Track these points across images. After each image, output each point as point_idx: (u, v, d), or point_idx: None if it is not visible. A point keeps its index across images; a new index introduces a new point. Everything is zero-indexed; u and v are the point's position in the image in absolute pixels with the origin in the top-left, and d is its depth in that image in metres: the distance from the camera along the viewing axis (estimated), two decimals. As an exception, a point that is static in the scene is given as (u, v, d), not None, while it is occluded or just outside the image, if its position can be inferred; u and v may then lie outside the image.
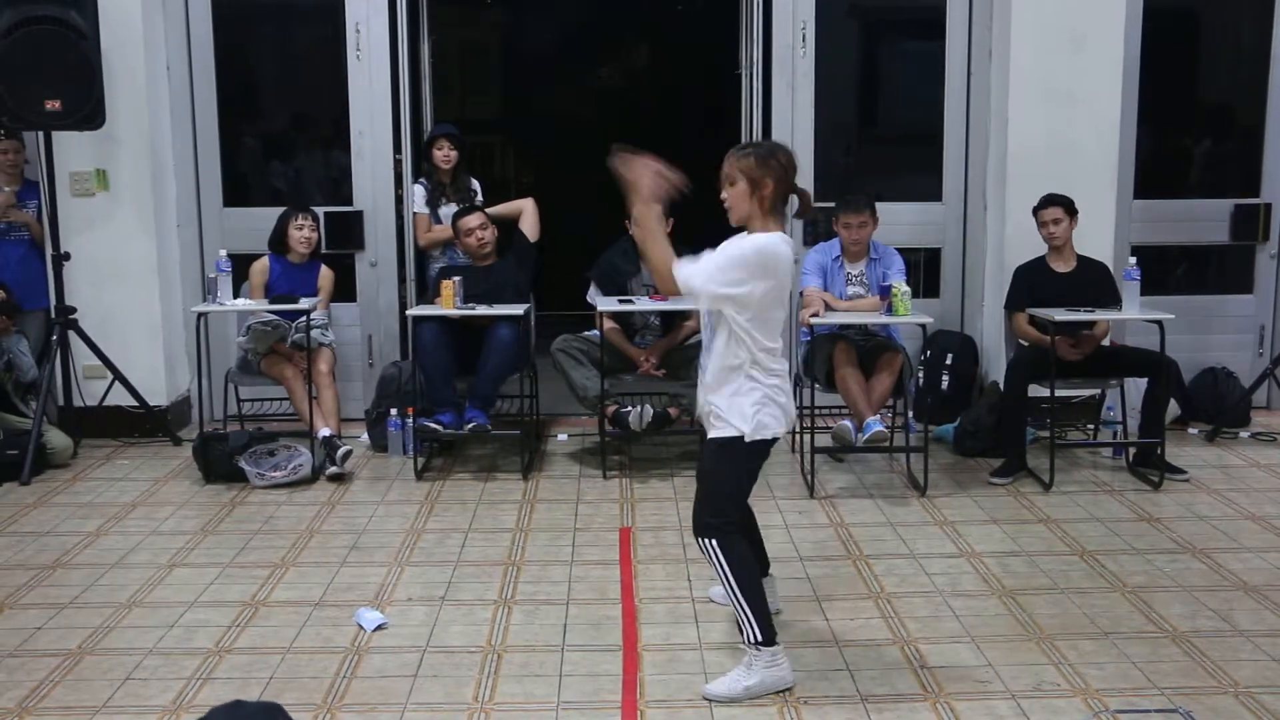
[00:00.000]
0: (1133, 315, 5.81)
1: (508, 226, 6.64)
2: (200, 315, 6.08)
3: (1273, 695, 3.57)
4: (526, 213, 6.67)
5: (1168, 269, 7.35)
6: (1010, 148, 6.60)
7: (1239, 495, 5.59)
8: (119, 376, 6.45)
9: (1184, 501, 5.50)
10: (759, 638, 3.58)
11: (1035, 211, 6.01)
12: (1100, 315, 5.84)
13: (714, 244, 3.64)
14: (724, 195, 3.69)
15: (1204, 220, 7.19)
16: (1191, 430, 6.77)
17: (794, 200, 3.76)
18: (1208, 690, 3.60)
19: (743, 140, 7.18)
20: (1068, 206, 5.91)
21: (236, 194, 7.15)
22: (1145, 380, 5.95)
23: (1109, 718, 3.43)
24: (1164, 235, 7.10)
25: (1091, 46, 6.50)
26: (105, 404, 6.51)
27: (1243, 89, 7.33)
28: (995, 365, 6.68)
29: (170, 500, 5.65)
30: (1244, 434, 6.67)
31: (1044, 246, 6.05)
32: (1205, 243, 7.30)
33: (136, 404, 6.55)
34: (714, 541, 3.61)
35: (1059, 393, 5.87)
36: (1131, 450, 6.06)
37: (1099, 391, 6.46)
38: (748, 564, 3.65)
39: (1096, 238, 6.33)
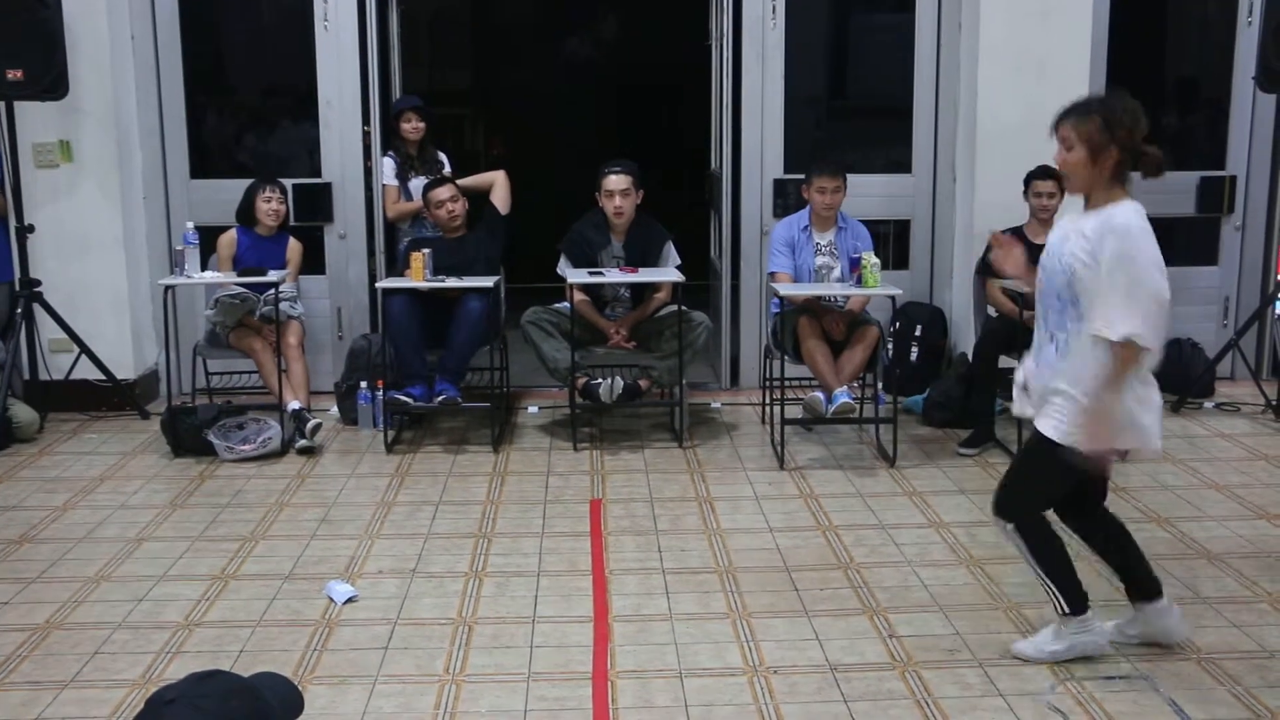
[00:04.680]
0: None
1: (478, 199, 6.62)
2: (167, 288, 6.03)
3: (1234, 660, 3.62)
4: (498, 185, 6.64)
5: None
6: (980, 120, 6.62)
7: (1203, 465, 5.65)
8: (85, 350, 6.40)
9: (1149, 471, 5.55)
10: (1065, 608, 3.56)
11: (1028, 181, 6.02)
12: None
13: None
14: (1059, 160, 3.44)
15: (1170, 193, 7.21)
16: (1157, 401, 6.82)
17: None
18: (1171, 657, 3.65)
19: (715, 110, 7.19)
20: (1060, 180, 5.93)
21: (203, 165, 7.07)
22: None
23: (1075, 685, 3.48)
24: (1131, 208, 7.13)
25: (1060, 19, 6.51)
26: (72, 378, 6.47)
27: (1208, 62, 7.37)
28: (964, 337, 6.71)
29: (138, 474, 5.62)
30: (1209, 404, 6.74)
31: (1012, 219, 6.07)
32: (1172, 215, 7.33)
33: (104, 378, 6.51)
34: (1012, 526, 3.54)
35: (1027, 364, 5.89)
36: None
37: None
38: (1045, 537, 3.55)
39: (1071, 205, 6.35)
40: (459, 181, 6.54)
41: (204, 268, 6.17)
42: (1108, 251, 3.29)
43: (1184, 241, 7.51)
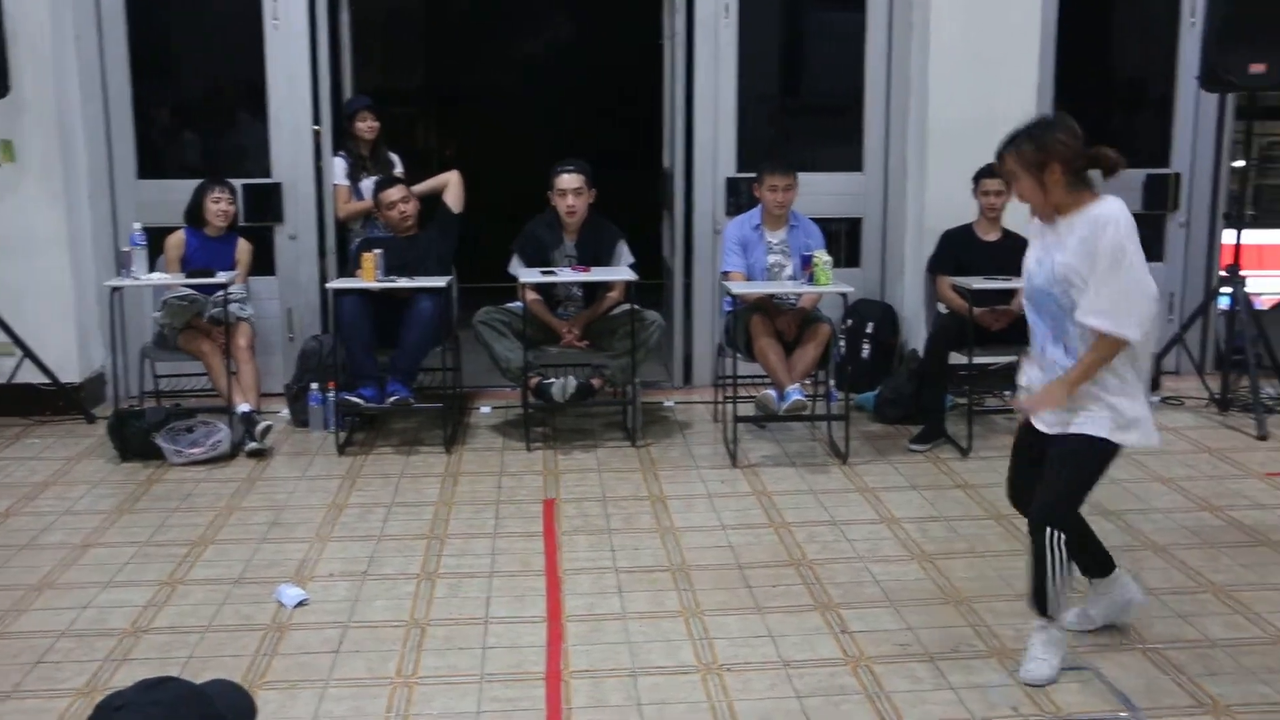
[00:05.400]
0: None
1: (431, 199, 6.59)
2: (114, 290, 5.95)
3: (1178, 650, 3.67)
4: (451, 185, 6.62)
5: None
6: (930, 118, 6.67)
7: (1149, 458, 5.72)
8: (28, 353, 6.31)
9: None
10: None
11: (976, 179, 6.07)
12: (1017, 283, 5.91)
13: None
14: (1016, 194, 3.53)
15: (1117, 190, 7.14)
16: (1105, 396, 6.90)
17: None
18: (1116, 648, 3.70)
19: (667, 109, 7.20)
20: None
21: (151, 165, 6.98)
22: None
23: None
24: (1080, 205, 7.20)
25: (1009, 19, 6.57)
26: (14, 381, 6.37)
27: (1153, 62, 7.46)
28: (915, 334, 6.76)
29: (84, 479, 5.55)
30: (1154, 399, 6.81)
31: (963, 217, 6.13)
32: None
33: (48, 381, 6.41)
34: (1063, 536, 3.45)
35: (977, 360, 5.95)
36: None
37: (1017, 359, 6.55)
38: (1075, 550, 3.53)
39: (1017, 207, 6.40)
40: (415, 187, 6.51)
41: (151, 269, 6.10)
42: (1104, 243, 3.35)
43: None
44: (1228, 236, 6.74)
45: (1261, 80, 6.09)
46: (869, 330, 6.98)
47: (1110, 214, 3.39)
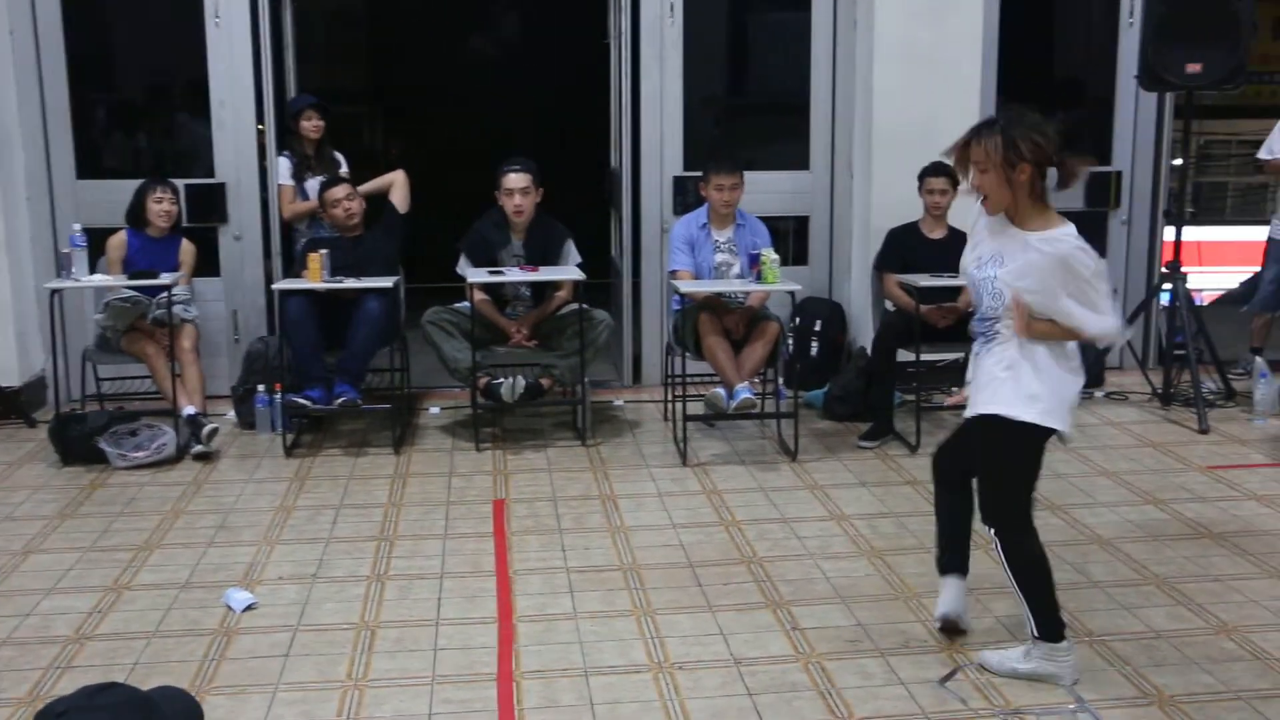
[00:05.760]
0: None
1: (377, 198, 6.55)
2: (54, 292, 5.86)
3: (1123, 641, 3.73)
4: (397, 185, 6.59)
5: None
6: (876, 117, 6.71)
7: (1094, 453, 5.80)
8: (-33, 357, 6.20)
9: (1043, 460, 5.66)
10: (1036, 632, 3.44)
11: (921, 178, 6.12)
12: (963, 280, 5.97)
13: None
14: (974, 184, 3.39)
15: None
16: (1050, 391, 6.98)
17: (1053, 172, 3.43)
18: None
19: (614, 109, 7.20)
20: (953, 177, 6.04)
21: (90, 165, 6.88)
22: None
23: (973, 672, 3.54)
24: (1023, 203, 7.28)
25: (952, 18, 6.63)
26: (-47, 386, 6.26)
27: (1093, 61, 7.56)
28: (863, 331, 6.80)
29: (25, 484, 5.45)
30: (1099, 394, 6.91)
31: (909, 215, 6.18)
32: (1061, 209, 7.50)
33: (-13, 385, 6.31)
34: (993, 531, 3.44)
35: (924, 357, 6.00)
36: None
37: (963, 355, 6.61)
38: (1030, 558, 3.43)
39: (962, 204, 6.47)
40: (361, 187, 6.46)
41: (93, 270, 6.01)
42: (1060, 278, 3.35)
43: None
44: (1168, 234, 6.85)
45: (1198, 79, 6.19)
46: (817, 328, 7.02)
47: (1067, 251, 3.37)
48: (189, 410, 5.90)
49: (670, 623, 3.90)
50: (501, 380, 6.03)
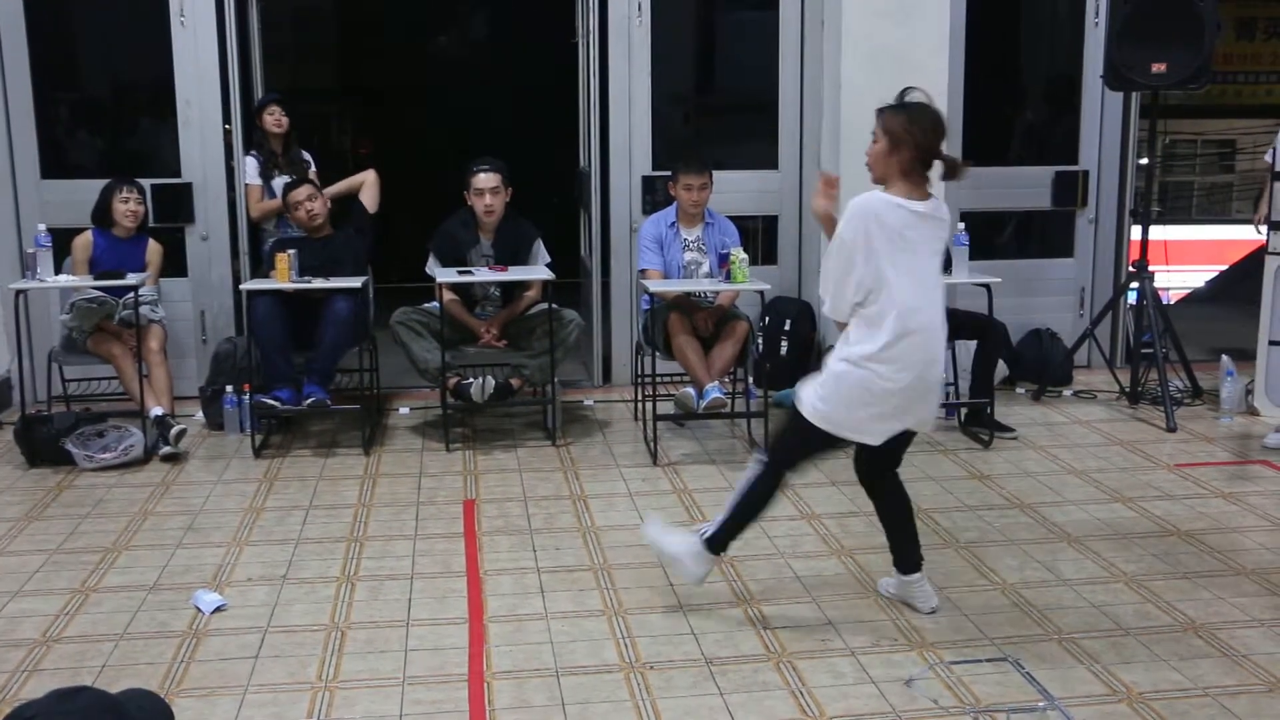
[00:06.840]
0: (962, 279, 5.99)
1: (347, 198, 6.52)
2: (19, 293, 5.80)
3: (1091, 639, 3.75)
4: (367, 185, 6.58)
5: (994, 234, 7.62)
6: (844, 115, 6.72)
7: (1063, 451, 5.84)
8: (-69, 358, 6.14)
9: (1013, 459, 5.72)
10: (707, 532, 3.93)
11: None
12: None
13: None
14: (867, 150, 3.78)
15: (1027, 187, 7.46)
16: (1019, 390, 7.04)
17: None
18: (1034, 638, 3.76)
19: (583, 108, 7.20)
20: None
21: (55, 165, 6.82)
22: (975, 342, 6.16)
23: (943, 669, 3.56)
24: (990, 201, 7.33)
25: (919, 17, 6.64)
26: (-84, 387, 6.19)
27: (1060, 61, 7.62)
28: (832, 330, 6.80)
29: (-10, 486, 5.41)
30: (1067, 392, 6.97)
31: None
32: (1029, 208, 7.59)
33: (-49, 387, 6.24)
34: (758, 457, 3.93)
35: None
36: (963, 410, 6.27)
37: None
38: (765, 494, 3.88)
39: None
40: (331, 188, 6.43)
41: (58, 271, 5.96)
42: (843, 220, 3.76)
43: (1040, 234, 7.78)
44: (1135, 233, 6.90)
45: (1163, 79, 6.24)
46: (787, 327, 7.04)
47: (853, 204, 3.70)
48: (156, 411, 5.86)
49: (641, 622, 3.90)
50: (471, 380, 6.02)
